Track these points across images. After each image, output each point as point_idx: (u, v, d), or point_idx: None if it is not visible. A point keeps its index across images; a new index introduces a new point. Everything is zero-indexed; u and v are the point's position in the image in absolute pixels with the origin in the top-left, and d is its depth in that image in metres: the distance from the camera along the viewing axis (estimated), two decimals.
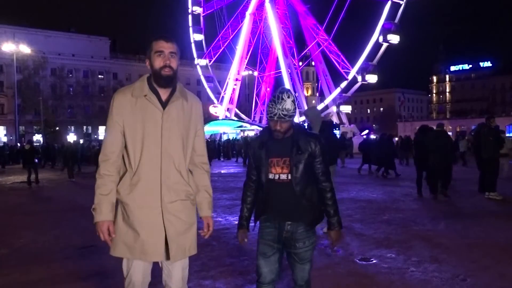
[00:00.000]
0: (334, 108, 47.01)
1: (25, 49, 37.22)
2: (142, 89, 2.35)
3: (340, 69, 45.13)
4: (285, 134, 2.53)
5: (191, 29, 56.31)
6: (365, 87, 48.74)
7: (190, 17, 56.25)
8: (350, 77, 44.11)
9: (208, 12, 55.56)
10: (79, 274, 4.58)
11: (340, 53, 45.51)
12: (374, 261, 4.88)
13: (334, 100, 46.99)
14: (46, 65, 56.59)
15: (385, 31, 42.02)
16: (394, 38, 42.45)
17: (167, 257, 2.34)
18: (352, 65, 44.62)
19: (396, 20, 42.65)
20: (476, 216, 7.58)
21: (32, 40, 49.06)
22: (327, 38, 46.01)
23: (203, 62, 56.24)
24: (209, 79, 56.91)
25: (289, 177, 2.54)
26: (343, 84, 45.10)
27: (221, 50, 54.52)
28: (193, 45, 56.76)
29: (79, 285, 4.30)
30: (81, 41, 65.92)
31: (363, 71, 43.97)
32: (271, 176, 2.57)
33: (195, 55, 56.57)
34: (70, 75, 63.83)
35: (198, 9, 56.21)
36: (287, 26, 50.51)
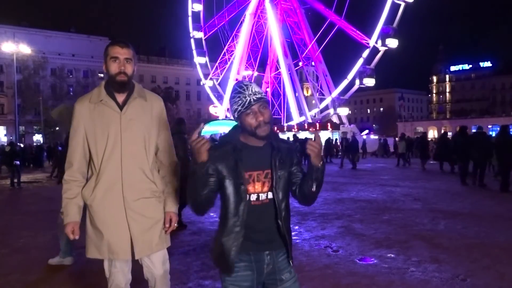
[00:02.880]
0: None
1: (25, 49, 37.16)
2: (99, 95, 2.41)
3: (360, 40, 44.73)
4: (272, 127, 1.96)
5: (194, 52, 56.65)
6: (365, 87, 48.78)
7: (192, 40, 56.63)
8: (371, 44, 43.46)
9: (211, 33, 55.89)
10: (79, 274, 4.58)
11: (354, 29, 45.24)
12: (374, 261, 4.88)
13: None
14: (46, 65, 56.60)
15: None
16: (393, 43, 42.84)
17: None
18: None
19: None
20: (476, 216, 7.58)
21: (32, 40, 49.03)
22: (339, 18, 45.81)
23: (199, 34, 56.36)
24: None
25: (269, 197, 1.98)
26: (365, 53, 43.95)
27: (227, 65, 54.56)
28: (198, 67, 57.01)
29: (79, 285, 4.30)
30: (81, 41, 65.90)
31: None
32: (247, 197, 1.93)
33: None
34: (70, 75, 63.80)
35: (198, 34, 56.51)
36: (294, 19, 50.17)
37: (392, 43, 42.66)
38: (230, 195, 1.94)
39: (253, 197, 1.96)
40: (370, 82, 45.02)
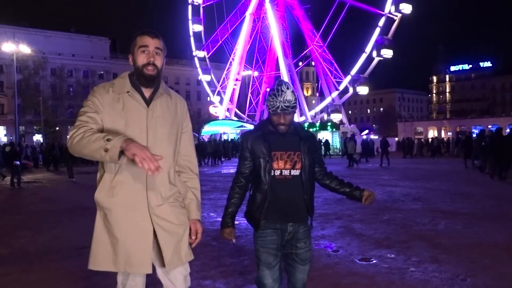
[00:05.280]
0: (325, 116, 47.48)
1: (25, 49, 37.12)
2: (123, 85, 2.16)
3: (332, 79, 45.81)
4: (288, 128, 2.48)
5: (190, 21, 56.30)
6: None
7: (190, 7, 56.24)
8: (341, 87, 45.30)
9: (208, 3, 55.50)
10: (79, 274, 4.57)
11: (333, 61, 46.45)
12: (374, 261, 4.88)
13: (326, 107, 47.53)
14: (46, 65, 56.52)
15: (378, 46, 42.75)
16: (388, 53, 43.25)
17: (162, 264, 2.16)
18: (345, 74, 45.47)
19: (390, 35, 43.22)
20: (476, 216, 7.58)
21: (32, 40, 48.97)
22: (322, 45, 46.41)
23: (201, 53, 56.44)
24: (206, 71, 56.97)
25: (291, 173, 2.46)
26: (334, 94, 46.42)
27: (218, 44, 54.67)
28: (192, 38, 56.85)
29: (79, 285, 4.30)
30: (81, 41, 65.87)
31: (354, 82, 44.92)
32: (272, 172, 2.44)
33: (193, 47, 56.64)
34: (70, 75, 63.80)
35: (201, 53, 56.52)
36: (284, 28, 50.59)
37: (387, 53, 43.32)
38: (260, 169, 2.45)
39: (277, 173, 2.45)
40: (363, 90, 45.78)
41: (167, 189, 2.18)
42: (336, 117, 48.25)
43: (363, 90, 46.05)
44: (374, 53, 43.05)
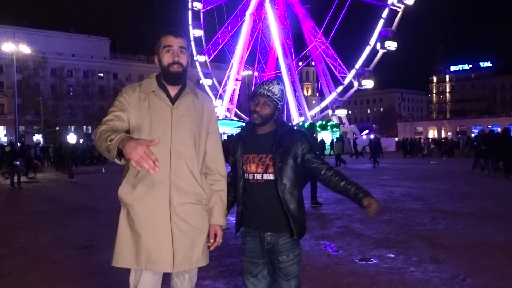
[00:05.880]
0: (330, 112, 47.27)
1: (25, 49, 37.11)
2: (150, 85, 2.20)
3: (336, 73, 45.49)
4: (263, 123, 2.29)
5: (190, 26, 56.36)
6: (363, 89, 48.85)
7: (190, 13, 56.33)
8: (346, 82, 44.77)
9: (208, 8, 55.67)
10: (79, 274, 4.58)
11: (337, 57, 46.06)
12: (374, 261, 4.88)
13: (330, 103, 47.23)
14: (46, 65, 56.60)
15: (382, 38, 42.49)
16: (392, 45, 42.97)
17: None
18: (349, 69, 45.12)
19: (394, 27, 42.94)
20: (476, 216, 7.58)
21: (32, 40, 48.95)
22: (324, 41, 46.26)
23: (202, 58, 56.37)
24: (207, 75, 56.94)
25: (264, 178, 2.28)
26: (339, 88, 45.91)
27: (220, 47, 54.64)
28: (192, 43, 56.81)
29: (79, 285, 4.29)
30: (81, 41, 65.88)
31: (359, 76, 44.62)
32: (246, 175, 2.31)
33: (194, 51, 56.64)
34: (70, 75, 63.81)
35: (198, 5, 56.34)
36: (285, 27, 50.57)
37: (391, 45, 42.97)
38: (236, 172, 2.36)
39: (250, 176, 2.31)
40: (368, 84, 45.11)
41: (191, 189, 2.16)
42: (341, 113, 48.10)
43: (368, 83, 45.28)
44: (378, 45, 42.66)
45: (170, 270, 2.12)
